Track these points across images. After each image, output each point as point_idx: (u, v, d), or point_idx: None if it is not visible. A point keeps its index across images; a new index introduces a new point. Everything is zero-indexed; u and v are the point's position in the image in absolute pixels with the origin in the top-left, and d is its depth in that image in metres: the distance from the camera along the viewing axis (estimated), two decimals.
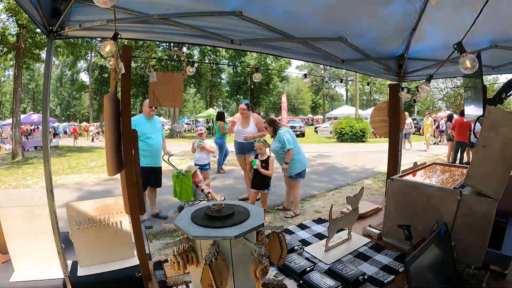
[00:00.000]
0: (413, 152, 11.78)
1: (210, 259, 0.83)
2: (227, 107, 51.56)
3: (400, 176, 1.71)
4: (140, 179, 1.38)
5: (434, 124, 14.83)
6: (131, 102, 1.64)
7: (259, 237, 1.00)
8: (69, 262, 1.68)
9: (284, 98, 17.48)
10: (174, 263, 0.91)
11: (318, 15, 2.13)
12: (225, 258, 0.88)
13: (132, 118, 2.44)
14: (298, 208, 4.31)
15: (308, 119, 44.16)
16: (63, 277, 1.49)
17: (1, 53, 12.76)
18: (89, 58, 31.68)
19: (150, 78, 1.55)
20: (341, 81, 4.16)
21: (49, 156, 1.51)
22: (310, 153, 12.43)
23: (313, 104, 50.41)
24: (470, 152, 8.56)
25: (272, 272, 1.35)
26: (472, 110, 1.91)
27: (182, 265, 0.91)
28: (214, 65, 29.88)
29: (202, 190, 4.40)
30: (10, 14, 11.35)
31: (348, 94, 52.92)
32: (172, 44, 17.98)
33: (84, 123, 31.02)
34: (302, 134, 22.13)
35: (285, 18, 2.11)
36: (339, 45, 2.53)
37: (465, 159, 8.45)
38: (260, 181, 3.81)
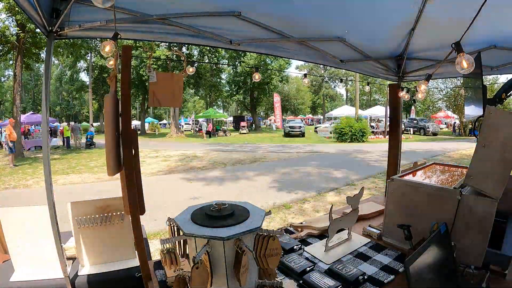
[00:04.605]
0: None
1: (199, 260, 0.83)
2: (227, 107, 51.56)
3: (400, 176, 1.71)
4: (140, 179, 1.38)
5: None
6: (131, 102, 1.63)
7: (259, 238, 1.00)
8: (69, 262, 1.68)
9: (276, 98, 17.45)
10: (164, 259, 0.94)
11: (317, 16, 2.13)
12: (217, 258, 0.89)
13: None
14: None
15: (308, 119, 44.15)
16: (63, 277, 1.49)
17: (1, 53, 12.77)
18: (89, 58, 31.67)
19: (150, 78, 1.55)
20: (341, 81, 4.16)
21: (49, 156, 1.51)
22: (309, 152, 12.43)
23: (313, 104, 50.39)
24: None
25: None
26: (472, 110, 1.91)
27: (169, 262, 0.92)
28: (214, 65, 29.88)
29: None
30: (9, 14, 11.35)
31: (348, 94, 52.92)
32: (171, 44, 18.00)
33: (84, 123, 31.01)
34: (302, 134, 22.15)
35: (284, 19, 2.10)
36: (338, 46, 2.53)
37: None
38: None
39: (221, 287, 0.90)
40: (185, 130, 30.90)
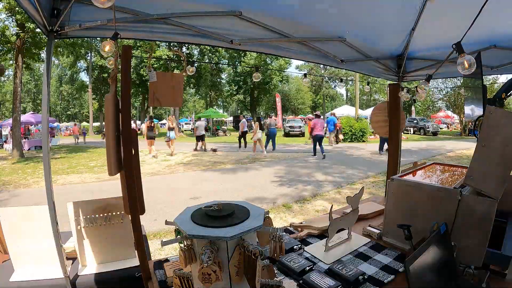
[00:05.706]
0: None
1: (207, 259, 0.83)
2: (227, 107, 51.54)
3: (400, 176, 1.71)
4: (140, 179, 1.37)
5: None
6: (131, 102, 1.63)
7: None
8: (69, 262, 1.68)
9: (277, 98, 17.80)
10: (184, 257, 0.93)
11: (317, 15, 2.13)
12: (222, 258, 0.88)
13: None
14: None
15: (308, 119, 44.05)
16: (63, 277, 1.49)
17: (1, 53, 12.77)
18: (89, 58, 31.68)
19: (150, 78, 1.55)
20: (341, 81, 4.14)
21: (49, 156, 1.51)
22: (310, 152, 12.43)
23: (313, 104, 50.34)
24: None
25: None
26: (472, 110, 1.91)
27: (188, 259, 0.92)
28: (214, 65, 29.90)
29: None
30: (9, 14, 11.35)
31: (348, 94, 52.92)
32: (172, 44, 18.01)
33: (84, 123, 31.01)
34: (302, 134, 22.15)
35: (284, 19, 2.10)
36: (339, 45, 2.53)
37: None
38: None
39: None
40: (185, 130, 30.97)
